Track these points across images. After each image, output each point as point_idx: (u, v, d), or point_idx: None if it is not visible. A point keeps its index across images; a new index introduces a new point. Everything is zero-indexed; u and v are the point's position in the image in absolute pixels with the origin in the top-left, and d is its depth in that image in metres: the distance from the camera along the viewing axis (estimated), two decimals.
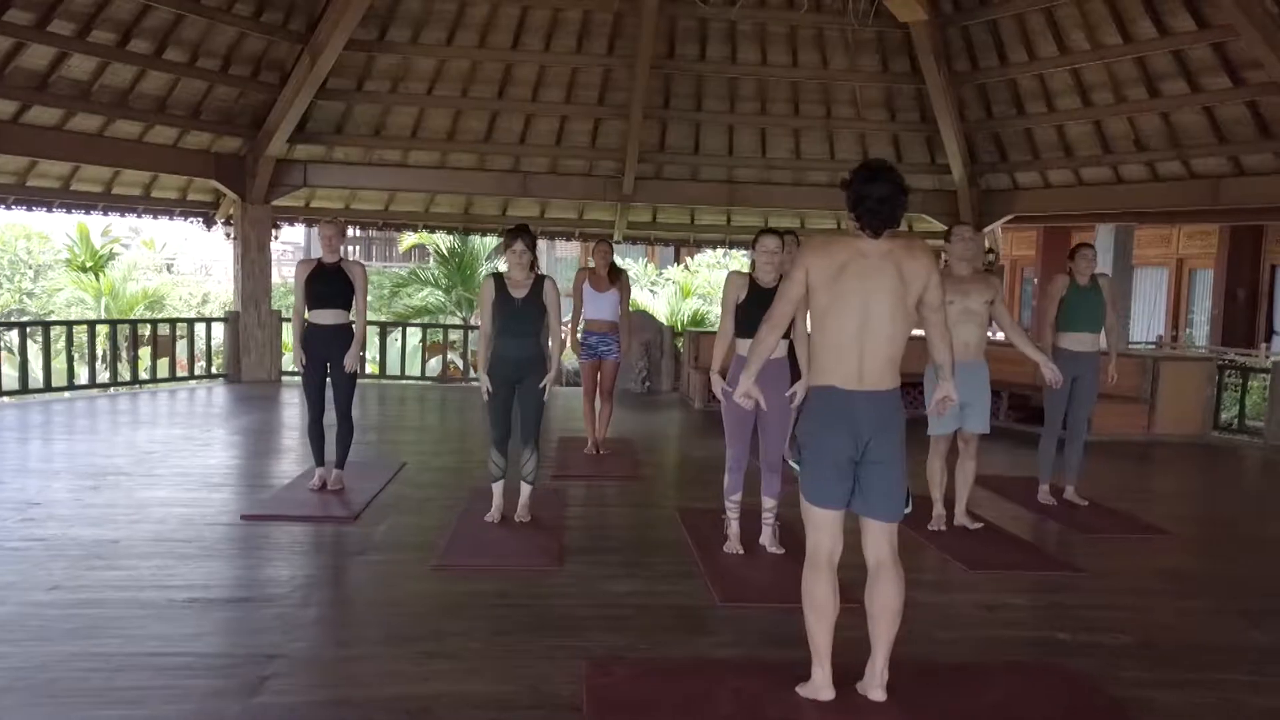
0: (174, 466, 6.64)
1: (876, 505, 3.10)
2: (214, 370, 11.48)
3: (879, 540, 3.13)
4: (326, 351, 5.78)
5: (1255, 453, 9.03)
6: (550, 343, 5.31)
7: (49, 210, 10.89)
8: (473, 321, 15.01)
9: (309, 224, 12.62)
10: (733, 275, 4.83)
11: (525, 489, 5.37)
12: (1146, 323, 17.70)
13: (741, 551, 4.81)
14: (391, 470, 6.53)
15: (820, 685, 3.16)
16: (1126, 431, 9.24)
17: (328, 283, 5.72)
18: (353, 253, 22.29)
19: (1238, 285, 15.58)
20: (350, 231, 17.20)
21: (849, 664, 3.21)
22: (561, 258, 23.18)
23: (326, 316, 5.74)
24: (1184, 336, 16.31)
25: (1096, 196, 10.96)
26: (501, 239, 5.29)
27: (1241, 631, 4.13)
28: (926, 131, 11.24)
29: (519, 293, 5.11)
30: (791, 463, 3.26)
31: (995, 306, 5.29)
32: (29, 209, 10.69)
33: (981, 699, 3.33)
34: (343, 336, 5.80)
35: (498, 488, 5.31)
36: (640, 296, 16.61)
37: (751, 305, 4.59)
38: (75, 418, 8.78)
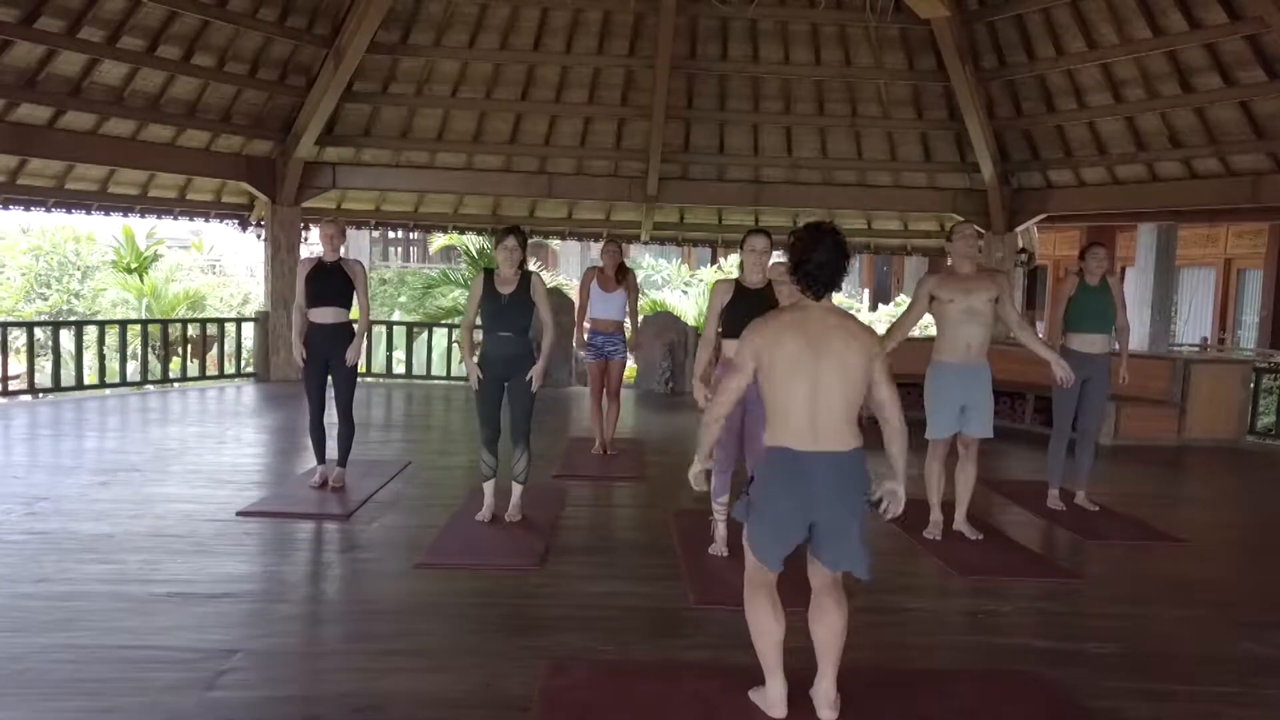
0: (187, 464, 6.77)
1: (828, 560, 3.04)
2: (244, 369, 11.69)
3: (824, 573, 3.08)
4: (326, 349, 5.82)
5: None
6: (544, 340, 5.31)
7: (87, 213, 11.18)
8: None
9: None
10: (718, 284, 4.85)
11: (516, 489, 5.36)
12: (1194, 325, 17.21)
13: (726, 554, 4.76)
14: (395, 469, 6.58)
15: (774, 701, 3.10)
16: (1156, 436, 9.00)
17: (327, 281, 5.76)
18: (387, 254, 22.60)
19: None
20: (380, 233, 17.43)
21: (810, 667, 3.15)
22: (595, 259, 23.25)
23: (326, 315, 5.79)
24: (1230, 339, 15.82)
25: (1132, 195, 10.67)
26: (498, 237, 5.24)
27: (1234, 643, 3.98)
28: (955, 129, 11.03)
29: (506, 289, 5.11)
30: (735, 517, 3.22)
31: (1001, 305, 5.14)
32: (68, 211, 10.98)
33: (944, 706, 3.25)
34: (342, 334, 5.85)
35: (488, 487, 5.32)
36: (671, 297, 16.59)
37: (738, 307, 4.55)
38: (105, 415, 9.00)
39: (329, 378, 5.92)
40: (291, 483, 6.19)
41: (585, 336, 7.24)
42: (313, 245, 11.59)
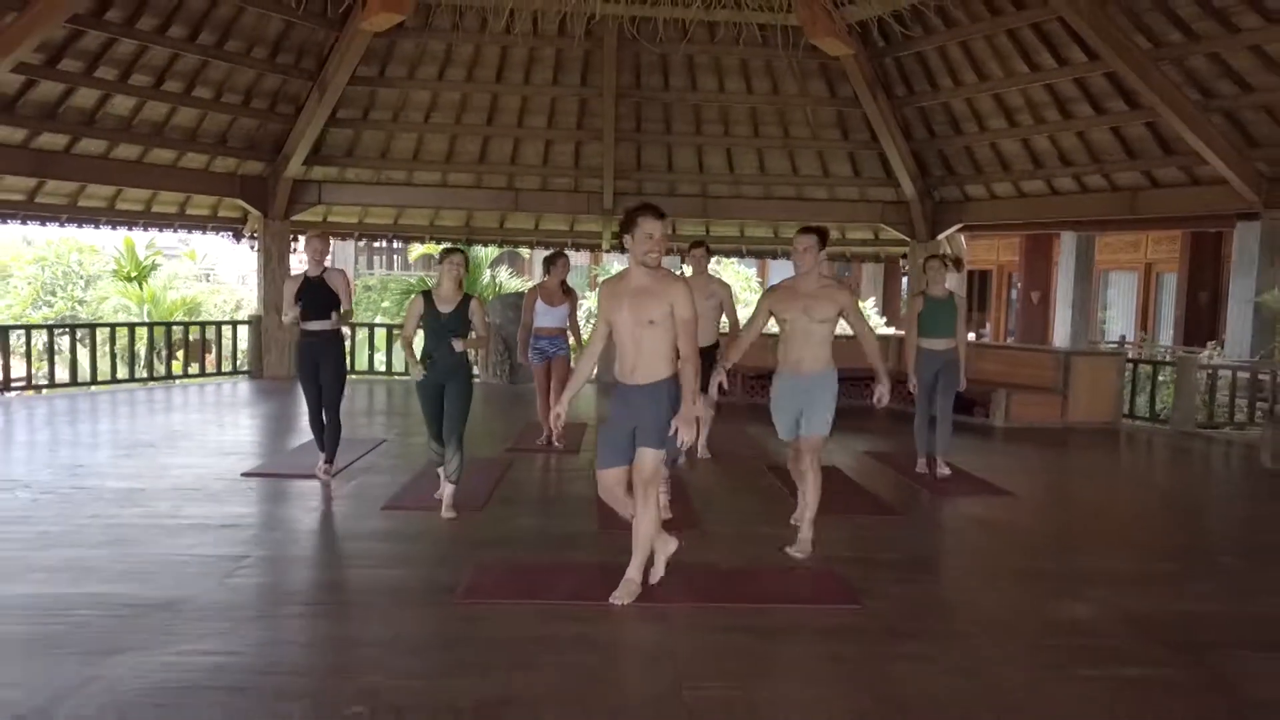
0: (195, 441, 8.02)
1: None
2: (239, 368, 12.90)
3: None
4: (317, 354, 6.37)
5: (1158, 438, 10.01)
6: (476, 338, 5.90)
7: (96, 227, 12.44)
8: None
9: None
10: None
11: (448, 488, 5.67)
12: (1121, 324, 18.57)
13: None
14: (371, 445, 7.83)
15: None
16: (1043, 420, 10.26)
17: (314, 296, 6.28)
18: (373, 263, 23.88)
19: (1199, 288, 16.45)
20: (364, 243, 18.64)
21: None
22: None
23: (315, 325, 6.32)
24: (1138, 337, 17.14)
25: (1035, 207, 12.02)
26: (442, 255, 5.80)
27: (1001, 557, 5.27)
28: (878, 149, 12.36)
29: (446, 307, 5.57)
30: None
31: (848, 318, 5.21)
32: (79, 226, 12.24)
33: (750, 588, 4.52)
34: (331, 341, 6.41)
35: (443, 471, 5.78)
36: None
37: None
38: (116, 406, 10.21)
39: (319, 380, 6.42)
40: (284, 454, 7.42)
41: (531, 344, 7.98)
42: (303, 255, 12.80)
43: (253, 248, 13.20)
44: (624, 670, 3.71)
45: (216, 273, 24.62)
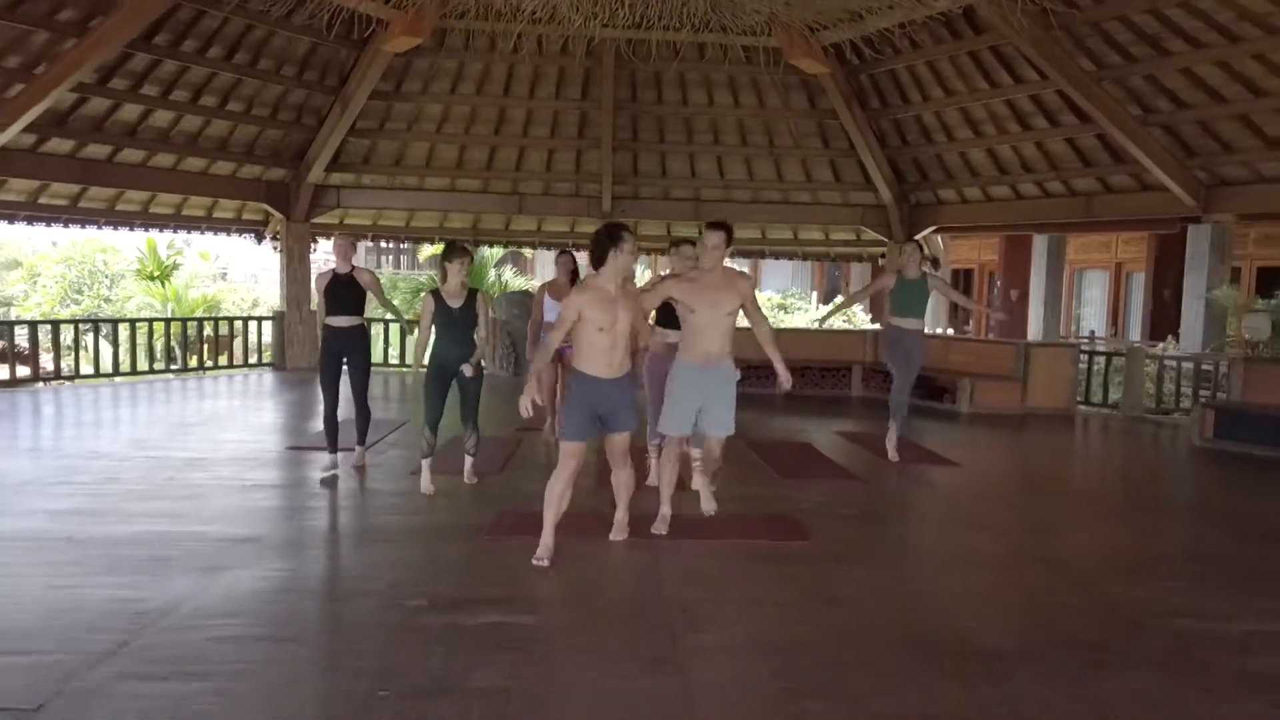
0: (238, 422, 9.02)
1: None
2: (263, 360, 13.87)
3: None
4: (342, 348, 6.68)
5: (1107, 421, 11.01)
6: (479, 337, 6.40)
7: (131, 229, 13.44)
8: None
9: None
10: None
11: (469, 460, 6.49)
12: (1094, 320, 19.56)
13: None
14: (396, 425, 8.81)
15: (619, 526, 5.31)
16: (1004, 406, 11.24)
17: (341, 292, 6.61)
18: (383, 262, 24.88)
19: (1164, 285, 17.43)
20: (375, 243, 19.60)
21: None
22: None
23: (342, 320, 6.61)
24: (1107, 332, 18.14)
25: (1002, 210, 13.00)
26: (446, 254, 6.19)
27: (924, 511, 6.26)
28: (857, 157, 13.33)
29: (455, 302, 6.06)
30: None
31: (747, 310, 5.31)
32: (115, 228, 13.22)
33: (722, 529, 5.50)
34: (356, 335, 6.76)
35: (426, 464, 6.26)
36: None
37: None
38: (154, 394, 11.18)
39: (343, 375, 6.74)
40: (320, 433, 8.38)
41: (540, 339, 8.62)
42: (326, 255, 13.79)
43: (274, 248, 14.17)
44: (616, 580, 4.70)
45: (229, 272, 25.62)
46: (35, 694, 3.13)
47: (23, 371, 12.27)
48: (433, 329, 6.20)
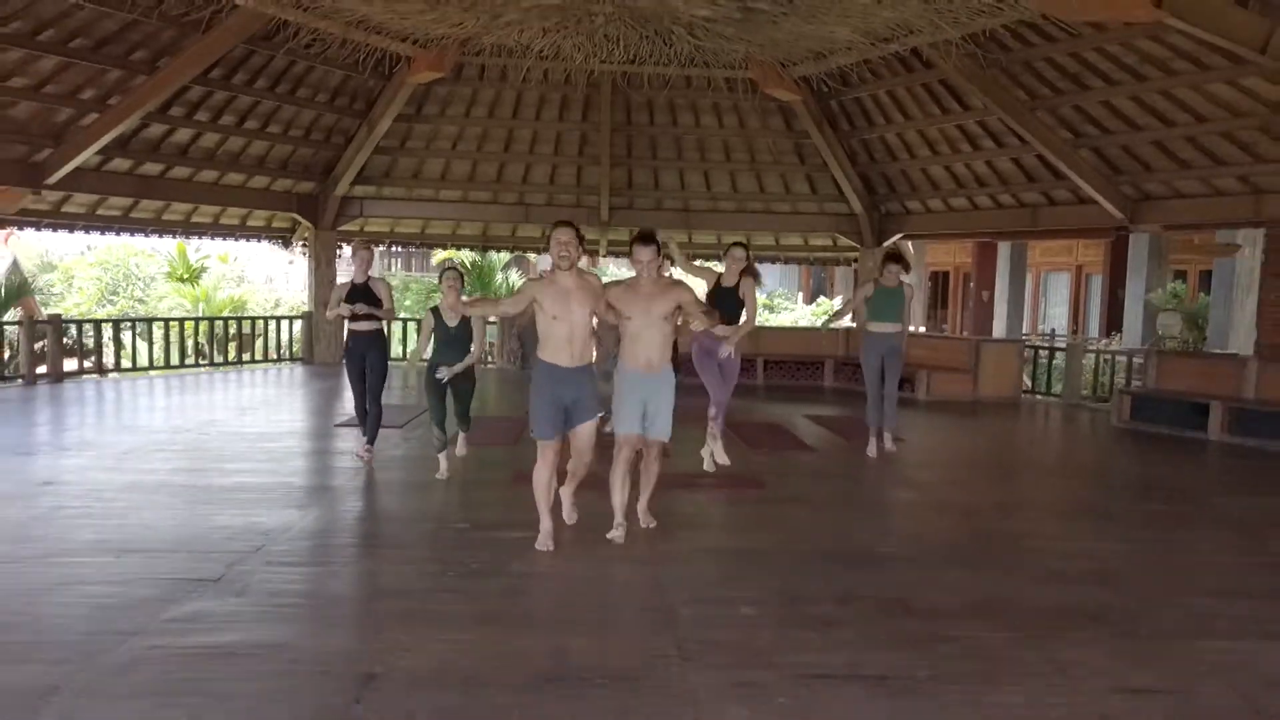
0: (284, 405, 10.47)
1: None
2: (293, 355, 15.31)
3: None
4: (364, 350, 7.25)
5: (1047, 408, 12.46)
6: (474, 347, 7.35)
7: (174, 237, 14.91)
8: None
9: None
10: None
11: (460, 436, 7.44)
12: (1056, 319, 21.03)
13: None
14: (420, 410, 10.22)
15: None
16: (957, 394, 12.69)
17: (358, 300, 7.04)
18: (394, 265, 26.38)
19: (1118, 286, 18.90)
20: (388, 247, 21.01)
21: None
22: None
23: (362, 326, 7.19)
24: (1067, 329, 19.59)
25: (962, 220, 14.45)
26: (442, 274, 6.66)
27: (864, 473, 7.72)
28: (831, 172, 14.78)
29: (451, 320, 6.67)
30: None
31: (688, 309, 5.47)
32: (160, 236, 14.66)
33: (691, 481, 6.93)
34: (375, 340, 7.32)
35: (442, 456, 6.93)
36: None
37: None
38: (200, 384, 12.62)
39: (366, 372, 7.30)
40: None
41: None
42: (348, 260, 15.19)
43: (302, 254, 15.62)
44: (606, 509, 6.13)
45: (246, 274, 27.02)
46: (213, 572, 4.57)
47: (70, 365, 13.70)
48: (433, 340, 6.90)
